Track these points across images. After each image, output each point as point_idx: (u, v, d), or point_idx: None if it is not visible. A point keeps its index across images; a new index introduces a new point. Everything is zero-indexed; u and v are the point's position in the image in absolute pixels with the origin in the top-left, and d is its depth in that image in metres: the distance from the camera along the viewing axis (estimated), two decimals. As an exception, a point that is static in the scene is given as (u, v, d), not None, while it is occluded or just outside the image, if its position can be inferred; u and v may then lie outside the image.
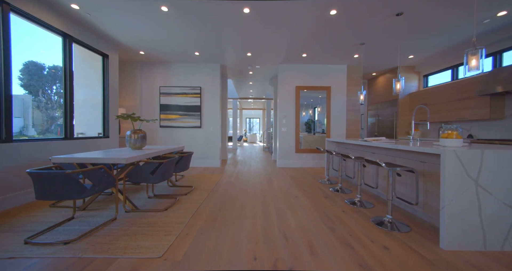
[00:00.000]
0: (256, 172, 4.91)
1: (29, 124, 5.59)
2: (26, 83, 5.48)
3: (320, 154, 5.69)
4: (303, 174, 4.69)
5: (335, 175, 4.57)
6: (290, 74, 5.66)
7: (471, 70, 2.24)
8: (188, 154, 3.30)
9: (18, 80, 5.31)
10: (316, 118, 6.08)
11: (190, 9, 3.12)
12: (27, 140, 2.95)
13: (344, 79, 5.66)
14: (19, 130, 6.34)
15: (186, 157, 3.23)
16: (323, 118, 6.01)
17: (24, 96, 5.80)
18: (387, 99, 6.12)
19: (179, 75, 5.59)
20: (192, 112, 5.58)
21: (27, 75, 5.39)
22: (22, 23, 2.92)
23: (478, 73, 2.70)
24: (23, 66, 5.28)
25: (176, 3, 2.98)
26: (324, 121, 6.03)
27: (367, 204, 2.76)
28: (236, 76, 7.04)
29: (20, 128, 6.15)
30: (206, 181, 4.00)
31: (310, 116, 6.02)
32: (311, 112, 6.10)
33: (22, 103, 5.85)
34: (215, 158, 5.65)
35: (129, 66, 5.40)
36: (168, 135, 5.61)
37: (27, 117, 5.50)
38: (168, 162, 2.53)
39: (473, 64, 2.23)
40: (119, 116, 2.79)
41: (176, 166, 3.16)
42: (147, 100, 5.58)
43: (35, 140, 2.97)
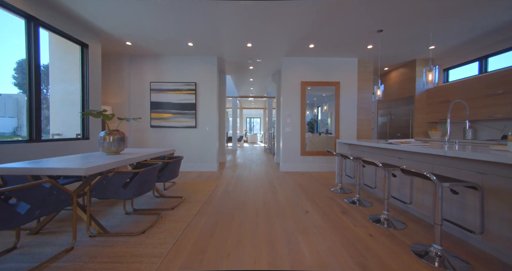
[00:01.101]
0: (257, 178, 4.36)
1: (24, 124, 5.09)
2: (20, 82, 4.98)
3: (328, 157, 5.13)
4: (310, 180, 4.14)
5: (348, 182, 4.01)
6: (295, 68, 5.10)
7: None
8: (176, 159, 2.75)
9: (13, 79, 4.83)
10: (319, 117, 5.53)
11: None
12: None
13: (354, 74, 5.11)
14: (12, 131, 5.83)
15: (173, 163, 2.68)
16: (326, 117, 5.47)
17: (18, 96, 5.30)
18: (401, 96, 5.56)
19: (171, 70, 5.05)
20: (186, 111, 5.03)
21: (21, 74, 4.88)
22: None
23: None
24: (17, 65, 4.77)
25: (159, -25, 2.43)
26: (328, 121, 5.49)
27: (398, 223, 2.21)
28: (235, 72, 6.49)
29: (13, 129, 5.63)
30: (200, 189, 3.45)
31: (312, 116, 5.46)
32: (316, 110, 5.55)
33: (16, 102, 5.34)
34: (212, 161, 5.10)
35: (115, 59, 4.85)
36: (159, 136, 5.06)
37: (21, 117, 5.03)
38: (145, 172, 1.98)
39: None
40: (86, 113, 2.24)
41: (161, 174, 2.60)
42: (136, 97, 5.03)
43: (-12, 143, 2.43)
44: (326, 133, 5.40)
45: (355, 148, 3.77)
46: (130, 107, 4.99)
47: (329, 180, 4.21)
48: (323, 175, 4.67)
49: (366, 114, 5.20)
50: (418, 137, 5.07)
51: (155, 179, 2.25)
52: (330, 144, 5.17)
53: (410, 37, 3.91)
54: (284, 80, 5.12)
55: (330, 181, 4.12)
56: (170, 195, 3.09)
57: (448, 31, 3.66)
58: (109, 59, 4.84)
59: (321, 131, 5.46)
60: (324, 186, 3.72)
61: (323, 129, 5.49)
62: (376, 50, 4.53)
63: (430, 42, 4.09)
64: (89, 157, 2.20)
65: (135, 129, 5.04)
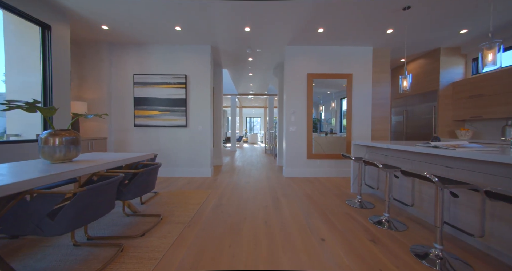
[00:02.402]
0: (257, 186, 3.70)
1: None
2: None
3: (338, 161, 4.47)
4: (321, 189, 3.47)
5: (366, 192, 3.35)
6: (300, 58, 4.44)
7: None
8: (149, 168, 2.08)
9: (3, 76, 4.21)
10: (322, 116, 4.86)
11: None
12: None
13: (369, 65, 4.44)
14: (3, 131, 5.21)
15: (144, 174, 2.02)
16: (330, 116, 4.80)
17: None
18: (420, 91, 4.89)
19: (158, 60, 4.39)
20: (175, 107, 4.37)
21: None
22: None
23: None
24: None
25: None
26: (331, 120, 4.83)
27: (458, 263, 1.54)
28: (233, 65, 5.83)
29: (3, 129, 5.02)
30: (186, 202, 2.79)
31: (316, 115, 4.79)
32: (321, 108, 4.88)
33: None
34: (205, 165, 4.44)
35: (92, 48, 4.19)
36: (144, 136, 4.41)
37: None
38: (89, 191, 1.33)
39: None
40: (10, 107, 1.58)
41: (126, 189, 1.94)
42: (117, 91, 4.37)
43: None
44: (330, 133, 4.74)
45: (375, 152, 3.10)
46: (111, 103, 4.33)
47: (342, 188, 3.54)
48: (334, 182, 4.01)
49: (382, 111, 4.53)
50: (443, 137, 4.39)
51: (111, 199, 1.59)
52: (338, 146, 4.50)
53: (437, 21, 3.24)
54: (287, 73, 4.46)
55: (343, 190, 3.46)
56: (146, 213, 2.43)
57: (488, 10, 2.99)
58: (84, 48, 4.18)
59: (324, 130, 4.79)
60: (338, 198, 3.06)
61: (327, 129, 4.83)
62: (396, 36, 3.86)
63: (465, 22, 3.41)
64: (14, 167, 1.55)
65: (116, 129, 4.39)
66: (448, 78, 4.38)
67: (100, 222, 2.18)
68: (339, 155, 4.46)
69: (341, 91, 4.56)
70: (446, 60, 4.36)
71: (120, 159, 2.03)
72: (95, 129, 4.20)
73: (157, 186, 3.66)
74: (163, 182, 3.94)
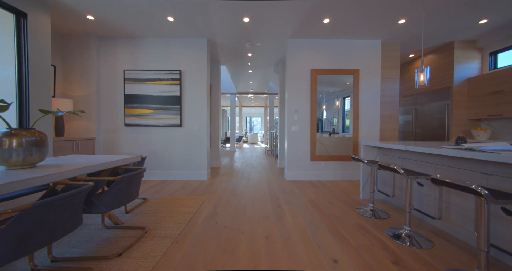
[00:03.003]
0: (257, 192, 3.38)
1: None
2: None
3: (344, 163, 4.15)
4: (327, 195, 3.16)
5: (379, 199, 3.03)
6: (304, 53, 4.12)
7: None
8: (126, 175, 1.76)
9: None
10: (324, 116, 4.54)
11: None
12: None
13: (377, 59, 4.12)
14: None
15: (121, 181, 1.70)
16: (332, 116, 4.49)
17: None
18: (431, 88, 4.57)
19: (150, 55, 4.07)
20: (169, 105, 4.06)
21: None
22: None
23: None
24: None
25: None
26: (333, 120, 4.52)
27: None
28: (232, 61, 5.52)
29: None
30: (177, 211, 2.48)
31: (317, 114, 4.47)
32: (324, 106, 4.56)
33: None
34: (201, 168, 4.13)
35: (79, 41, 3.88)
36: (135, 137, 4.10)
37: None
38: (36, 208, 1.01)
39: None
40: None
41: (101, 200, 1.62)
42: (106, 88, 4.06)
43: None
44: (333, 134, 4.43)
45: (388, 154, 2.79)
46: (99, 101, 4.02)
47: (350, 194, 3.22)
48: (340, 186, 3.69)
49: (391, 109, 4.22)
50: (457, 138, 4.07)
51: (75, 215, 1.27)
52: (343, 147, 4.19)
53: (462, 3, 2.92)
54: (290, 68, 4.14)
55: (352, 196, 3.14)
56: (129, 225, 2.12)
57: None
58: (70, 41, 3.87)
59: (326, 131, 4.48)
60: (347, 205, 2.74)
61: (329, 129, 4.52)
62: (407, 27, 3.54)
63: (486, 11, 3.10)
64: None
65: (105, 129, 4.07)
66: (462, 74, 4.06)
67: (72, 237, 1.86)
68: (345, 156, 4.15)
69: (344, 89, 4.25)
70: (461, 54, 4.04)
71: (97, 163, 1.72)
72: (82, 128, 3.89)
73: (148, 191, 3.35)
74: (155, 186, 3.63)
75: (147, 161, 4.10)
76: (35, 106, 2.85)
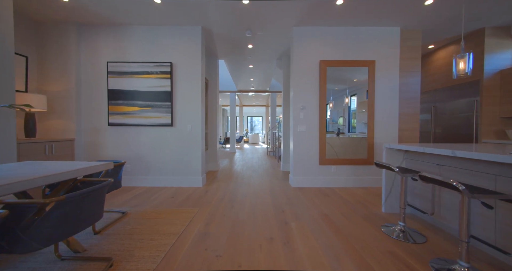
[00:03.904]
0: (258, 202, 2.89)
1: None
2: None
3: (357, 167, 3.65)
4: (341, 207, 2.66)
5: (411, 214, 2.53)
6: (312, 42, 3.63)
7: None
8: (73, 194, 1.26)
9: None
10: (328, 115, 4.02)
11: None
12: None
13: (396, 49, 3.62)
14: None
15: (68, 203, 1.20)
16: (337, 115, 3.99)
17: None
18: (455, 83, 4.06)
19: (137, 45, 3.59)
20: (158, 102, 3.58)
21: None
22: None
23: None
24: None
25: None
26: (338, 120, 4.02)
27: None
28: (231, 54, 5.03)
29: None
30: (159, 231, 1.99)
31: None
32: (331, 105, 4.06)
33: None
34: (195, 173, 3.65)
35: (56, 29, 3.40)
36: (121, 138, 3.62)
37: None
38: None
39: None
40: None
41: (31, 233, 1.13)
42: (87, 83, 3.59)
43: None
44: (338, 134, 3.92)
45: (418, 159, 2.29)
46: (79, 97, 3.55)
47: (368, 205, 2.72)
48: (354, 195, 3.19)
49: (411, 107, 3.71)
50: (488, 138, 3.56)
51: None
52: (354, 148, 3.68)
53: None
54: (296, 60, 3.65)
55: (371, 208, 2.64)
56: (92, 254, 1.63)
57: None
58: (46, 29, 3.40)
59: (331, 131, 3.96)
60: (368, 221, 2.24)
61: (334, 129, 4.01)
62: (433, 10, 3.03)
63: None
64: None
65: (86, 129, 3.60)
66: (494, 65, 3.54)
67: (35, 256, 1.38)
68: (358, 160, 3.65)
69: (350, 86, 3.74)
70: (492, 43, 3.53)
71: (42, 175, 1.24)
72: (59, 128, 3.42)
73: (132, 201, 2.87)
74: (141, 195, 3.15)
75: (133, 166, 3.62)
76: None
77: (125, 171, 3.62)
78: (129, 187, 3.54)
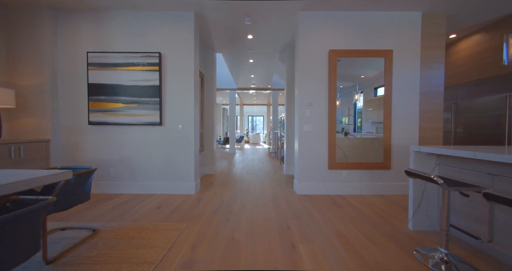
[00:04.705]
0: (259, 215, 2.45)
1: None
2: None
3: (373, 172, 3.20)
4: (359, 222, 2.21)
5: (433, 230, 2.07)
6: (320, 29, 3.18)
7: None
8: None
9: None
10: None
11: None
12: None
13: (416, 37, 3.16)
14: None
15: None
16: (341, 114, 3.54)
17: None
18: (483, 76, 3.59)
19: (122, 33, 3.16)
20: (145, 98, 3.15)
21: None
22: None
23: None
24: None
25: None
26: (342, 119, 3.57)
27: None
28: (229, 46, 4.59)
29: None
30: (131, 259, 1.56)
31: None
32: (338, 103, 3.60)
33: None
34: (187, 178, 3.21)
35: (29, 14, 2.98)
36: (103, 138, 3.19)
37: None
38: None
39: None
40: None
41: None
42: (65, 76, 3.16)
43: None
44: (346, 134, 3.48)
45: (456, 165, 1.83)
46: (55, 92, 3.12)
47: (391, 220, 2.27)
48: (371, 204, 2.74)
49: (434, 102, 3.25)
50: (523, 139, 3.10)
51: None
52: (366, 150, 3.22)
53: None
54: (302, 50, 3.20)
55: (395, 223, 2.19)
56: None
57: None
58: (16, 13, 2.97)
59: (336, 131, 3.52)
60: (396, 243, 1.79)
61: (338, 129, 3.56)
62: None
63: None
64: None
65: (64, 128, 3.18)
66: (531, 55, 3.07)
67: None
68: (372, 164, 3.19)
69: (358, 84, 3.29)
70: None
71: None
72: (31, 128, 3.00)
73: (111, 212, 2.44)
74: (124, 204, 2.72)
75: (118, 170, 3.19)
76: None
77: (109, 177, 3.19)
78: (112, 195, 3.12)
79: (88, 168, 1.90)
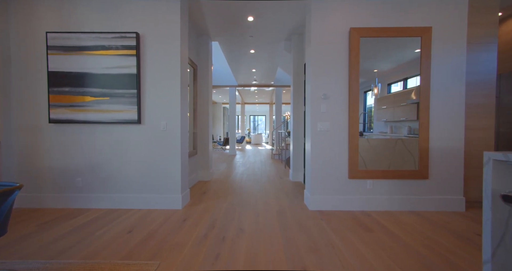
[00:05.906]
0: (261, 247, 1.81)
1: None
2: None
3: (404, 182, 2.53)
4: (399, 256, 1.56)
5: None
6: (338, 3, 2.52)
7: None
8: None
9: None
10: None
11: None
12: None
13: (462, 11, 2.49)
14: None
15: None
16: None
17: None
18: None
19: (90, 8, 2.54)
20: (120, 90, 2.52)
21: None
22: None
23: None
24: None
25: None
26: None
27: None
28: (226, 32, 3.95)
29: None
30: None
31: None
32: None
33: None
34: (172, 189, 2.58)
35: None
36: (67, 140, 2.57)
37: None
38: None
39: None
40: None
41: None
42: (19, 62, 2.55)
43: None
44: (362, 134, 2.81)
45: None
46: (7, 83, 2.51)
47: (445, 253, 1.61)
48: (409, 227, 2.08)
49: (484, 94, 2.58)
50: None
51: None
52: (391, 154, 2.56)
53: None
54: (315, 30, 2.54)
55: (457, 262, 1.53)
56: None
57: None
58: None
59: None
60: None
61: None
62: None
63: None
64: None
65: (19, 127, 2.56)
66: None
67: None
68: (404, 172, 2.53)
69: (368, 80, 2.62)
70: None
71: None
72: (-25, 127, 2.39)
73: (66, 238, 1.81)
74: (86, 225, 2.09)
75: (86, 180, 2.56)
76: None
77: (75, 188, 2.57)
78: (77, 211, 2.49)
79: (10, 186, 1.27)
